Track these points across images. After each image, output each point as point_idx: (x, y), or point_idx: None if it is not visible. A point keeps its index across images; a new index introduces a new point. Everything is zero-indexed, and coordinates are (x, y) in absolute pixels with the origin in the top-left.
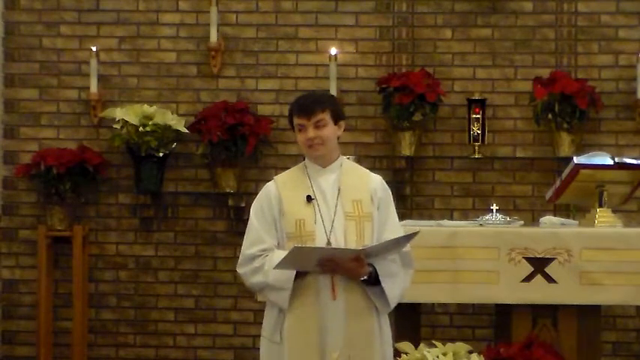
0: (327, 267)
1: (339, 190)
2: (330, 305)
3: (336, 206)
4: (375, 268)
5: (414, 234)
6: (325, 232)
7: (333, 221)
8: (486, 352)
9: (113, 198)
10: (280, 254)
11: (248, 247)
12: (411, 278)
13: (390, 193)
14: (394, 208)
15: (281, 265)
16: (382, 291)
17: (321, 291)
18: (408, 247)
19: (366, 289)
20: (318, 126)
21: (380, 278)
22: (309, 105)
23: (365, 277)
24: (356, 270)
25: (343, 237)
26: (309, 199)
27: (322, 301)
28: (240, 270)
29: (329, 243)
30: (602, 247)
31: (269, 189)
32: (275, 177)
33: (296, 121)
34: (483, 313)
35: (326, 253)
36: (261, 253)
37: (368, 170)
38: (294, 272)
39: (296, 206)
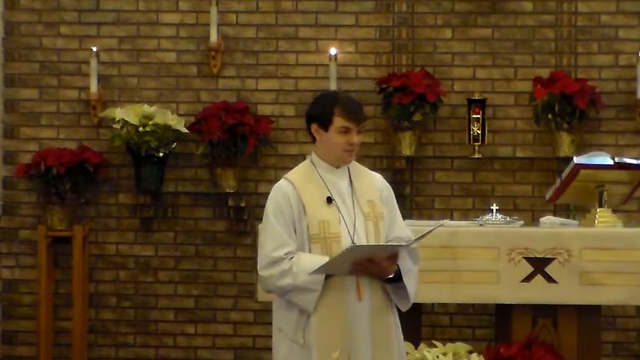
0: (362, 267)
1: (352, 190)
2: (355, 305)
3: (353, 207)
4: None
5: (440, 224)
6: (349, 233)
7: (355, 222)
8: (486, 352)
9: (113, 198)
10: (308, 257)
11: (274, 250)
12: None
13: (392, 189)
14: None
15: (323, 268)
16: (402, 288)
17: (347, 291)
18: (415, 244)
19: (388, 287)
20: (359, 132)
21: (402, 275)
22: (360, 111)
23: (391, 276)
24: (388, 268)
25: (365, 238)
26: (329, 200)
27: (348, 302)
28: (264, 273)
29: (353, 244)
30: (602, 247)
31: (285, 190)
32: (286, 176)
33: (342, 122)
34: (483, 313)
35: (381, 251)
36: (286, 257)
37: (367, 169)
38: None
39: (317, 207)
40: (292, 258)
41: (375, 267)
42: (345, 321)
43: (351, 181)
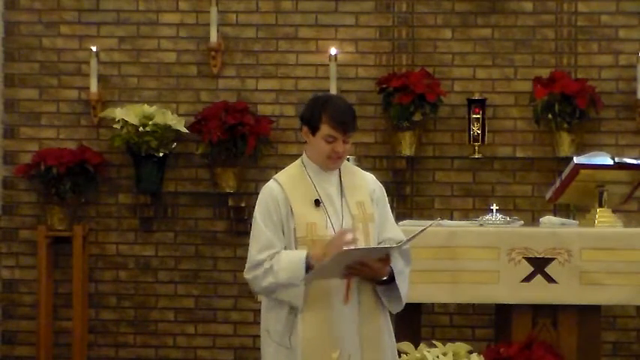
0: (354, 271)
1: (342, 192)
2: (343, 309)
3: (342, 209)
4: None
5: (431, 224)
6: None
7: (342, 224)
8: (486, 352)
9: (113, 198)
10: (288, 253)
11: (259, 252)
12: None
13: (384, 190)
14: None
15: (315, 274)
16: (394, 289)
17: (334, 294)
18: (407, 245)
19: (378, 289)
20: (346, 142)
21: (395, 276)
22: (350, 122)
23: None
24: (381, 270)
25: None
26: (317, 202)
27: (336, 305)
28: (249, 275)
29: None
30: (602, 247)
31: (273, 191)
32: (275, 177)
33: (328, 131)
34: (483, 313)
35: (372, 253)
36: (268, 257)
37: (359, 169)
38: (304, 266)
39: (305, 209)
40: (273, 257)
41: (368, 270)
42: (331, 324)
43: (341, 182)
